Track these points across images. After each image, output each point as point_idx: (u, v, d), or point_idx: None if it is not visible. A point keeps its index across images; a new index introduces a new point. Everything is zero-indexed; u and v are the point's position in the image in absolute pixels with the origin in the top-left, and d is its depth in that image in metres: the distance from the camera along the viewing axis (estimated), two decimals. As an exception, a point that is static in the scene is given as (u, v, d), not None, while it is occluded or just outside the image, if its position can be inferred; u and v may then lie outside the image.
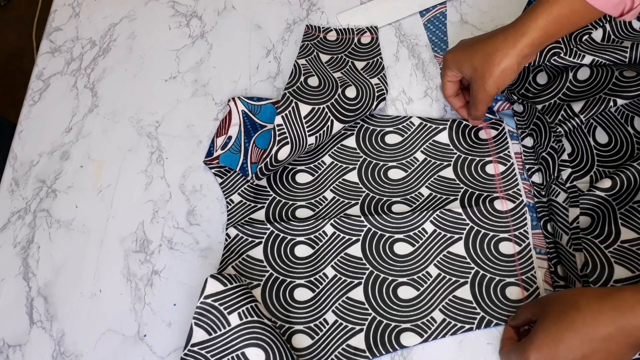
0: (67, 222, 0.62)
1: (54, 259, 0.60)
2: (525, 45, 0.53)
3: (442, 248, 0.57)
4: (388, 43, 0.72)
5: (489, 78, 0.55)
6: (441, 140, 0.64)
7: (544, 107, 0.61)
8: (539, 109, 0.61)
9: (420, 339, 0.53)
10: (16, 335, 0.56)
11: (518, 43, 0.53)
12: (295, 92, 0.61)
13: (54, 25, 0.77)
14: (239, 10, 0.77)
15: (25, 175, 0.66)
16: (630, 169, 0.55)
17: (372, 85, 0.64)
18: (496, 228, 0.58)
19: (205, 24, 0.76)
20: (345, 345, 0.53)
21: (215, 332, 0.50)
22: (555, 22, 0.52)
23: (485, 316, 0.54)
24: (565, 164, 0.58)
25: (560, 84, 0.61)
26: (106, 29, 0.76)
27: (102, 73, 0.73)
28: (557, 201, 0.57)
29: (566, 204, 0.56)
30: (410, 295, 0.55)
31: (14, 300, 0.58)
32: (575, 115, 0.59)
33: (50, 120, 0.69)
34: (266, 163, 0.58)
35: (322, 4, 0.76)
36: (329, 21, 0.74)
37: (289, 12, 0.76)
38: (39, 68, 0.74)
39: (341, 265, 0.57)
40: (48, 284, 0.59)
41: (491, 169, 0.62)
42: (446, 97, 0.63)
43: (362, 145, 0.64)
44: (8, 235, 0.62)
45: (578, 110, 0.59)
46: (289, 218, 0.60)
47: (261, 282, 0.57)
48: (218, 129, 0.66)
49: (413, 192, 0.61)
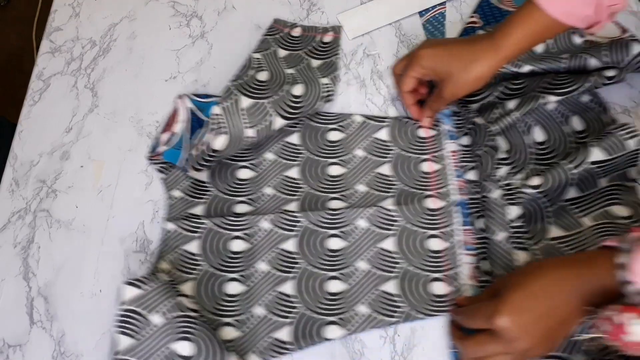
0: (67, 222, 0.62)
1: (54, 259, 0.60)
2: (502, 58, 0.55)
3: (373, 244, 0.58)
4: (388, 43, 0.72)
5: (464, 84, 0.57)
6: (382, 138, 0.65)
7: (481, 106, 0.63)
8: (475, 108, 0.63)
9: (345, 332, 0.54)
10: (16, 335, 0.56)
11: (495, 56, 0.55)
12: (240, 85, 0.62)
13: (54, 25, 0.77)
14: (239, 10, 0.77)
15: (26, 175, 0.66)
16: (557, 168, 0.57)
17: (321, 84, 0.65)
18: (427, 225, 0.59)
19: (205, 24, 0.76)
20: (271, 337, 0.54)
21: (140, 335, 0.51)
22: (529, 37, 0.54)
23: (410, 311, 0.55)
24: (502, 161, 0.60)
25: (496, 86, 0.63)
26: (106, 29, 0.76)
27: (102, 73, 0.73)
28: (490, 198, 0.58)
29: (504, 200, 0.58)
30: (340, 289, 0.56)
31: (14, 300, 0.58)
32: (509, 113, 0.61)
33: (51, 120, 0.69)
34: (203, 152, 0.59)
35: (322, 4, 0.76)
36: (329, 21, 0.74)
37: (289, 12, 0.76)
38: (39, 68, 0.74)
39: (275, 260, 0.58)
40: (48, 284, 0.59)
41: (427, 167, 0.63)
42: (403, 91, 0.63)
43: (306, 142, 0.65)
44: (8, 235, 0.62)
45: (512, 107, 0.61)
46: (227, 213, 0.61)
47: (195, 276, 0.58)
48: (164, 125, 0.67)
49: (351, 188, 0.62)
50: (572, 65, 0.61)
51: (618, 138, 0.56)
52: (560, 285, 0.47)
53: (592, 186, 0.58)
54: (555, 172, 0.57)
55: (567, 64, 0.62)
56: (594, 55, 0.60)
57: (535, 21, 0.53)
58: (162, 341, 0.50)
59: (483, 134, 0.62)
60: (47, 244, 0.61)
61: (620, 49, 0.60)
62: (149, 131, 0.68)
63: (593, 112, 0.63)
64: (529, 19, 0.54)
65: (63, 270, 0.60)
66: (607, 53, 0.60)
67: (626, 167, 0.58)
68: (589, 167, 0.56)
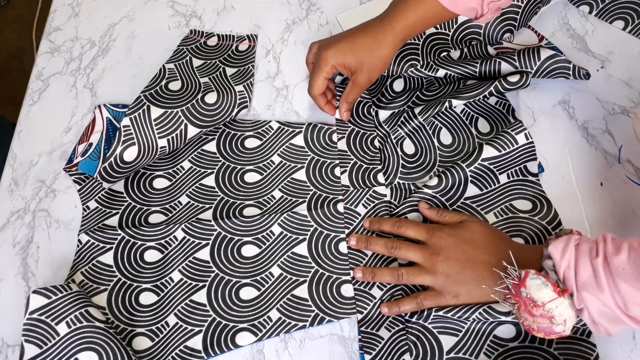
0: (66, 222, 0.62)
1: (53, 259, 0.60)
2: (400, 40, 0.59)
3: (286, 249, 0.59)
4: (387, 43, 0.72)
5: (375, 68, 0.60)
6: (297, 143, 0.65)
7: (392, 114, 0.65)
8: (384, 115, 0.66)
9: (255, 337, 0.55)
10: (15, 335, 0.56)
11: (394, 39, 0.59)
12: (151, 96, 0.63)
13: (54, 25, 0.78)
14: (238, 10, 0.77)
15: (25, 175, 0.66)
16: (456, 167, 0.59)
17: (236, 92, 0.65)
18: (337, 228, 0.60)
19: (204, 24, 0.76)
20: (183, 346, 0.54)
21: (46, 345, 0.51)
22: (420, 20, 0.58)
23: (319, 313, 0.55)
24: (410, 164, 0.63)
25: (411, 94, 0.67)
26: (105, 29, 0.76)
27: (101, 73, 0.73)
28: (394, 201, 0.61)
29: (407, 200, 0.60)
30: (251, 295, 0.57)
31: (13, 300, 0.58)
32: (414, 117, 0.63)
33: (50, 120, 0.69)
34: (111, 164, 0.59)
35: (322, 4, 0.76)
36: (329, 21, 0.75)
37: (289, 12, 0.76)
38: (39, 68, 0.74)
39: (188, 269, 0.58)
40: (47, 283, 0.59)
41: (339, 171, 0.63)
42: (316, 94, 0.64)
43: (222, 149, 0.65)
44: (7, 235, 0.62)
45: (417, 112, 0.63)
46: (141, 224, 0.61)
47: (108, 287, 0.58)
48: (81, 136, 0.67)
49: (266, 195, 0.62)
50: (485, 70, 0.64)
51: (509, 134, 0.59)
52: (498, 235, 0.55)
53: (492, 183, 0.60)
54: (450, 172, 0.59)
55: (481, 68, 0.64)
56: (506, 60, 0.63)
57: (425, 7, 0.57)
58: (67, 351, 0.51)
59: (391, 138, 0.64)
60: (46, 243, 0.61)
61: (530, 55, 0.63)
62: (148, 131, 0.68)
63: (500, 114, 0.64)
64: (420, 4, 0.57)
65: (62, 270, 0.60)
66: (516, 58, 0.63)
67: (525, 161, 0.60)
68: (483, 164, 0.59)
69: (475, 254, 0.53)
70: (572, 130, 0.64)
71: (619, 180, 0.60)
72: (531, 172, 0.60)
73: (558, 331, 0.46)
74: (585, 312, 0.45)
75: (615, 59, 0.68)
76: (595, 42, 0.69)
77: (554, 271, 0.47)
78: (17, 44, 1.75)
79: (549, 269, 0.47)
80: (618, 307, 0.43)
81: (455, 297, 0.52)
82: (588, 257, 0.45)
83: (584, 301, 0.45)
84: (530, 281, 0.45)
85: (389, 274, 0.56)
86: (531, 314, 0.46)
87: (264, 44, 0.74)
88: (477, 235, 0.54)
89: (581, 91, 0.66)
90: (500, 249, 0.52)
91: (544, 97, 0.66)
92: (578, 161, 0.62)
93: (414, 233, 0.56)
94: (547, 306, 0.45)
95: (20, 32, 1.75)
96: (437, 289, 0.53)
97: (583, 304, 0.45)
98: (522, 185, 0.60)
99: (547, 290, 0.45)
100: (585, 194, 0.60)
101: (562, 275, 0.46)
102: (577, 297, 0.45)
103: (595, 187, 0.60)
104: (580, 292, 0.45)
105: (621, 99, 0.65)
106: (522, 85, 0.61)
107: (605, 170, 0.61)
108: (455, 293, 0.52)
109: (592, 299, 0.44)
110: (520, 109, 0.65)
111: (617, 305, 0.43)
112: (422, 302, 0.54)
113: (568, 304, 0.45)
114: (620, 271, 0.43)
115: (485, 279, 0.51)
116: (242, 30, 0.75)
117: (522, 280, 0.46)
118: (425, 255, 0.54)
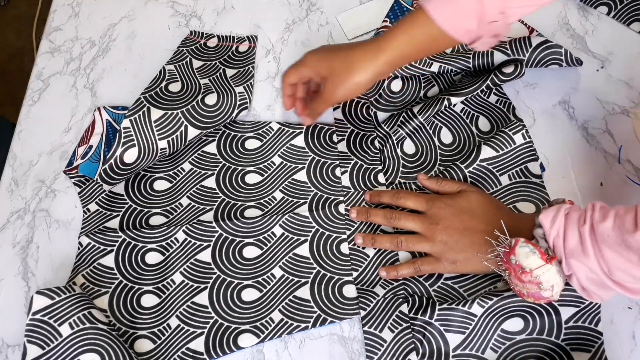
0: (66, 222, 0.62)
1: (53, 259, 0.60)
2: (383, 62, 0.55)
3: (288, 250, 0.59)
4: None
5: (342, 85, 0.57)
6: (297, 144, 0.65)
7: (392, 115, 0.65)
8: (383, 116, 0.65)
9: (257, 339, 0.54)
10: (15, 335, 0.56)
11: (376, 59, 0.55)
12: (151, 97, 0.63)
13: (54, 25, 0.77)
14: (238, 10, 0.77)
15: (25, 175, 0.66)
16: (453, 168, 0.60)
17: (236, 93, 0.65)
18: (339, 230, 0.60)
19: (204, 24, 0.76)
20: (185, 348, 0.54)
21: (49, 346, 0.52)
22: (413, 44, 0.54)
23: (321, 315, 0.55)
24: (410, 164, 0.63)
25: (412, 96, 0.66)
26: (105, 29, 0.76)
27: (101, 73, 0.73)
28: None
29: None
30: (254, 297, 0.57)
31: (13, 300, 0.58)
32: (414, 117, 0.63)
33: (50, 120, 0.69)
34: (111, 165, 0.59)
35: (322, 4, 0.76)
36: (329, 21, 0.75)
37: (289, 12, 0.76)
38: (39, 68, 0.74)
39: (189, 271, 0.58)
40: (47, 283, 0.59)
41: (339, 171, 0.63)
42: (284, 95, 0.64)
43: (223, 151, 0.65)
44: (7, 235, 0.62)
45: (417, 111, 0.63)
46: (141, 226, 0.61)
47: (109, 289, 0.57)
48: (81, 138, 0.67)
49: (267, 196, 0.62)
50: (479, 61, 0.63)
51: (507, 134, 0.59)
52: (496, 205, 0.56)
53: (494, 185, 0.60)
54: (450, 172, 0.60)
55: (474, 60, 0.63)
56: (498, 50, 0.62)
57: (420, 27, 0.53)
58: (70, 352, 0.51)
59: (391, 138, 0.64)
60: (46, 243, 0.61)
61: (522, 43, 0.62)
62: (148, 131, 0.68)
63: (500, 112, 0.64)
64: (414, 25, 0.54)
65: (62, 270, 0.60)
66: (508, 47, 0.62)
67: (525, 162, 0.60)
68: (482, 165, 0.59)
69: (472, 223, 0.54)
70: (572, 130, 0.64)
71: (619, 180, 0.60)
72: (534, 174, 0.60)
73: (546, 296, 0.48)
74: (574, 278, 0.47)
75: (615, 59, 0.68)
76: (595, 42, 0.69)
77: (544, 239, 0.48)
78: (17, 44, 1.75)
79: (540, 237, 0.49)
80: (603, 272, 0.45)
81: (453, 264, 0.54)
82: (576, 225, 0.46)
83: (572, 268, 0.46)
84: (519, 249, 0.47)
85: (389, 240, 0.57)
86: (520, 280, 0.48)
87: (264, 44, 0.74)
88: (475, 205, 0.55)
89: (581, 91, 0.66)
90: (497, 218, 0.53)
91: (544, 97, 0.66)
92: (578, 161, 0.62)
93: (413, 203, 0.57)
94: (534, 272, 0.47)
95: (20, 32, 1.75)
96: (435, 255, 0.55)
97: (572, 271, 0.47)
98: (525, 188, 0.60)
99: (535, 258, 0.46)
100: (585, 194, 0.60)
101: (551, 243, 0.47)
102: (565, 264, 0.47)
103: (595, 187, 0.60)
104: (569, 259, 0.46)
105: (621, 99, 0.65)
106: (518, 75, 0.61)
107: (605, 170, 0.61)
108: (452, 260, 0.54)
109: (580, 266, 0.46)
110: (520, 109, 0.65)
111: (603, 271, 0.45)
112: (419, 267, 0.55)
113: (555, 270, 0.47)
114: (605, 237, 0.45)
115: (482, 247, 0.53)
116: (242, 30, 0.75)
117: (512, 248, 0.48)
118: (424, 225, 0.55)
